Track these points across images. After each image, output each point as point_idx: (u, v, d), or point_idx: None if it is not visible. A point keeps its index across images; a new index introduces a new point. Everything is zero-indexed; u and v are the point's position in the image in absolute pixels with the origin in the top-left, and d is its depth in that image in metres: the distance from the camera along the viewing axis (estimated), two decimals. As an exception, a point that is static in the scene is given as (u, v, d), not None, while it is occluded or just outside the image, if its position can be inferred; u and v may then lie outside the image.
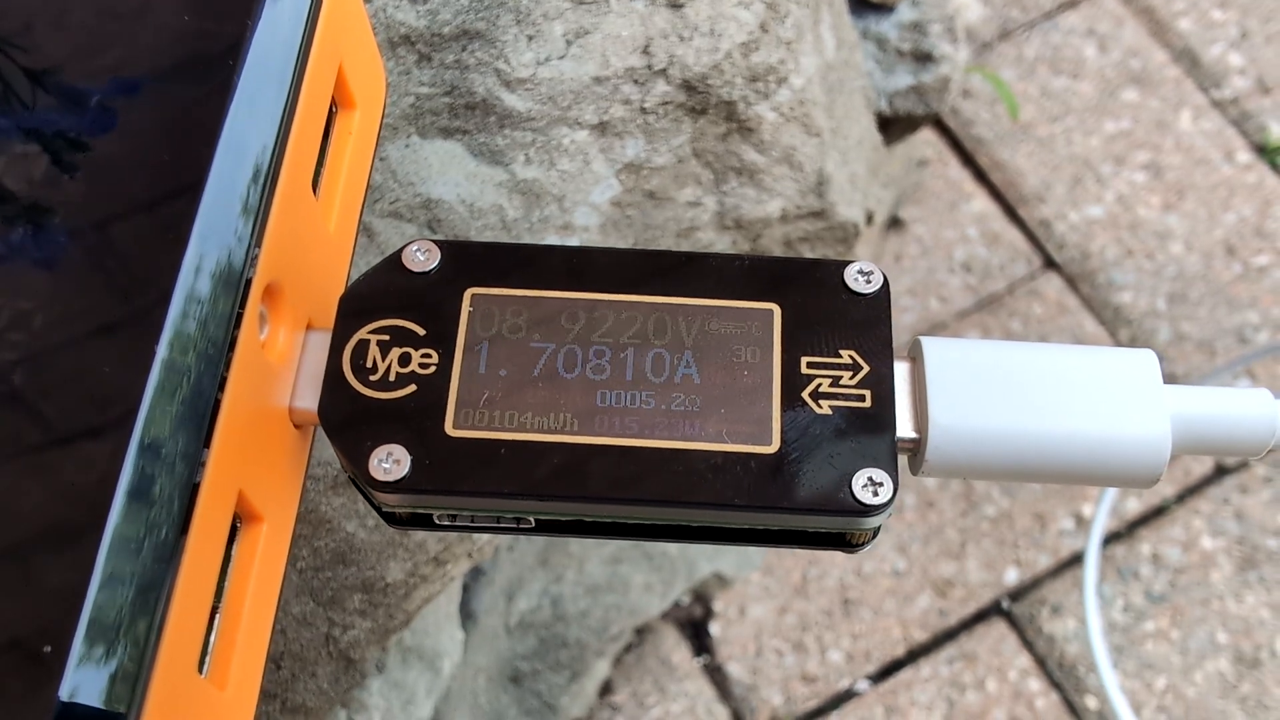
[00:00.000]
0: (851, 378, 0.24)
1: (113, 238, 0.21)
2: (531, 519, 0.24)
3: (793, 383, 0.23)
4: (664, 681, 0.81)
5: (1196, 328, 0.87)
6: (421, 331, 0.24)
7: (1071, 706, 0.79)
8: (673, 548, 0.68)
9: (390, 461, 0.23)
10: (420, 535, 0.40)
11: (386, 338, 0.24)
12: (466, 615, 0.58)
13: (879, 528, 0.24)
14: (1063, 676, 0.80)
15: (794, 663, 0.82)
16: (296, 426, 0.24)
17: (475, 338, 0.24)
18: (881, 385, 0.23)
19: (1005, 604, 0.82)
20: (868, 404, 0.23)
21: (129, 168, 0.21)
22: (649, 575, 0.67)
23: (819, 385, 0.23)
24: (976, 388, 0.24)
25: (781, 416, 0.23)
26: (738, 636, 0.82)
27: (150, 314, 0.20)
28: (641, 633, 0.82)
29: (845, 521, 0.23)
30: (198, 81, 0.22)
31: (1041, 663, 0.81)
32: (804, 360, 0.24)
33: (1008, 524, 0.84)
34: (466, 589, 0.58)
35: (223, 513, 0.21)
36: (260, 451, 0.22)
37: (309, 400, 0.24)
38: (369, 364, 0.24)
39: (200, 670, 0.20)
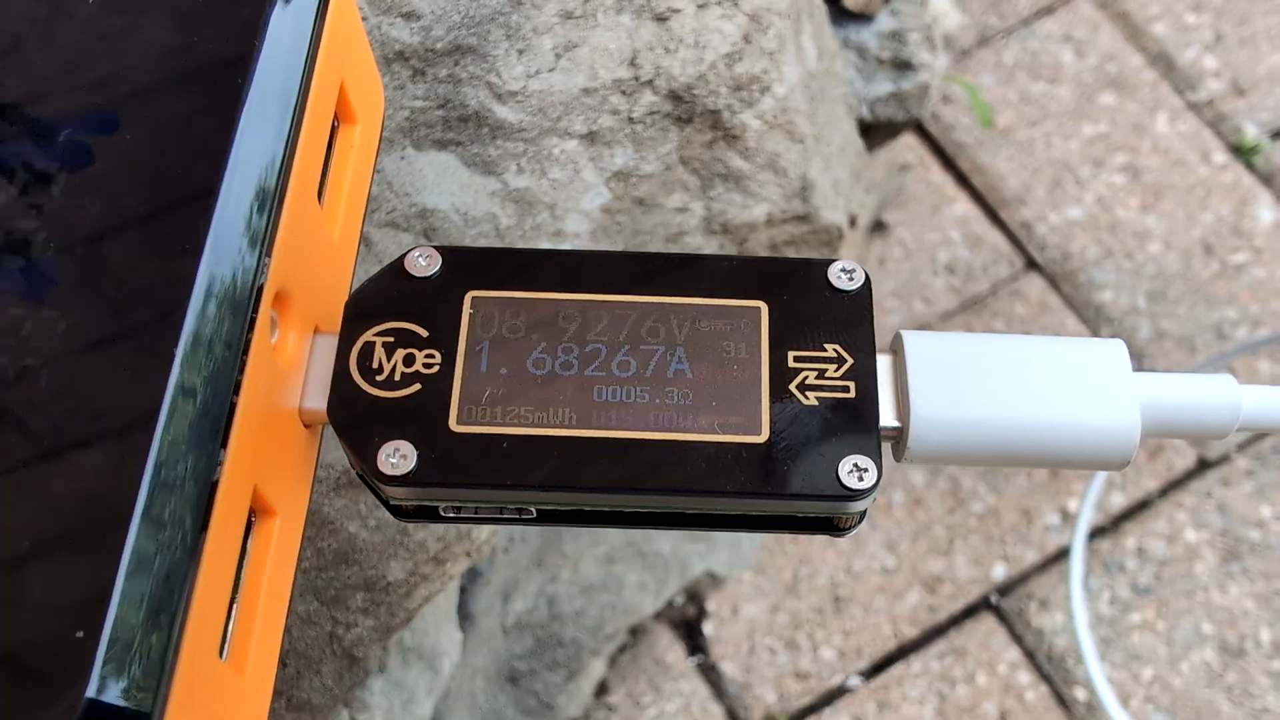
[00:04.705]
0: (836, 370, 0.25)
1: (130, 249, 0.22)
2: (533, 509, 0.25)
3: (780, 376, 0.25)
4: (659, 681, 0.82)
5: (1176, 325, 0.89)
6: (424, 333, 0.25)
7: (1061, 698, 0.80)
8: (666, 546, 0.69)
9: (398, 456, 0.24)
10: (420, 535, 0.41)
11: (391, 339, 0.25)
12: (464, 616, 0.59)
13: (864, 512, 0.25)
14: (1052, 669, 0.81)
15: (787, 660, 0.83)
16: (306, 426, 0.25)
17: (476, 339, 0.25)
18: (865, 377, 0.25)
19: (994, 599, 0.83)
20: (852, 395, 0.24)
21: (144, 182, 0.22)
22: (642, 574, 0.68)
23: (805, 378, 0.25)
24: (955, 378, 0.25)
25: (770, 408, 0.24)
26: (731, 636, 0.83)
27: (167, 321, 0.21)
28: (636, 633, 0.83)
29: (832, 506, 0.24)
30: (208, 98, 0.23)
31: (1031, 656, 0.82)
32: (791, 354, 0.25)
33: (995, 520, 0.85)
34: (464, 591, 0.59)
35: (239, 507, 0.22)
36: (273, 450, 0.23)
37: (318, 400, 0.25)
38: (375, 365, 0.25)
39: (221, 655, 0.22)
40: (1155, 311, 0.89)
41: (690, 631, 0.84)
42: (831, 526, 0.25)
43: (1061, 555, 0.84)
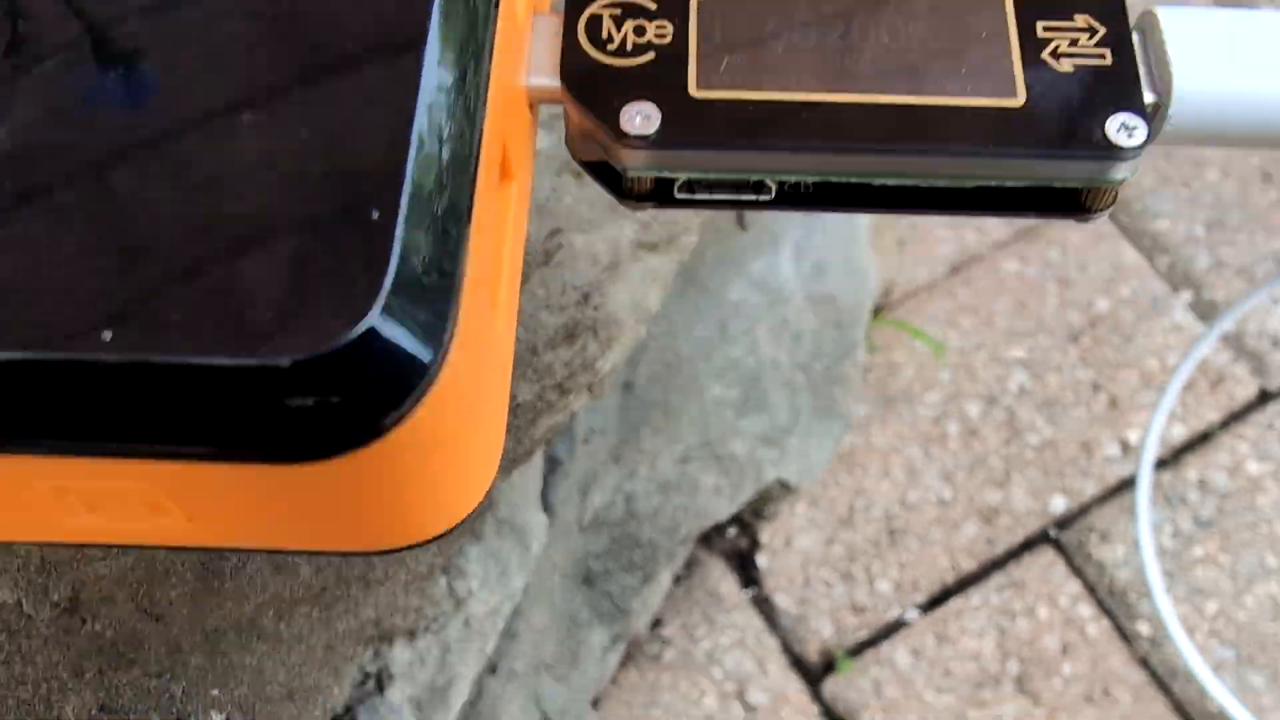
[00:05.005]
0: (1089, 39, 0.23)
1: None
2: (772, 185, 0.23)
3: (1031, 44, 0.23)
4: (713, 614, 0.80)
5: (1235, 253, 0.88)
6: (653, 6, 0.24)
7: (1123, 632, 0.79)
8: (741, 449, 0.67)
9: (641, 117, 0.22)
10: (548, 358, 0.40)
11: (619, 12, 0.24)
12: (545, 507, 0.58)
13: (1118, 190, 0.24)
14: (1113, 603, 0.80)
15: (843, 593, 0.81)
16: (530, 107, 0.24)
17: (708, 10, 0.24)
18: (1121, 43, 0.23)
19: (1053, 532, 0.82)
20: (1108, 61, 0.23)
21: None
22: (718, 478, 0.66)
23: (1057, 46, 0.23)
24: (1216, 50, 0.24)
25: (1024, 72, 0.23)
26: (785, 568, 0.82)
27: None
28: (690, 565, 0.81)
29: (1098, 167, 0.23)
30: None
31: (1092, 589, 0.80)
32: (1040, 25, 0.24)
33: (1053, 452, 0.84)
34: (545, 481, 0.58)
35: (496, 156, 0.21)
36: (511, 115, 0.22)
37: (544, 77, 0.23)
38: (605, 35, 0.23)
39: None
40: (1214, 240, 0.88)
41: (743, 563, 0.82)
42: (1080, 206, 0.24)
43: (1122, 487, 0.83)
